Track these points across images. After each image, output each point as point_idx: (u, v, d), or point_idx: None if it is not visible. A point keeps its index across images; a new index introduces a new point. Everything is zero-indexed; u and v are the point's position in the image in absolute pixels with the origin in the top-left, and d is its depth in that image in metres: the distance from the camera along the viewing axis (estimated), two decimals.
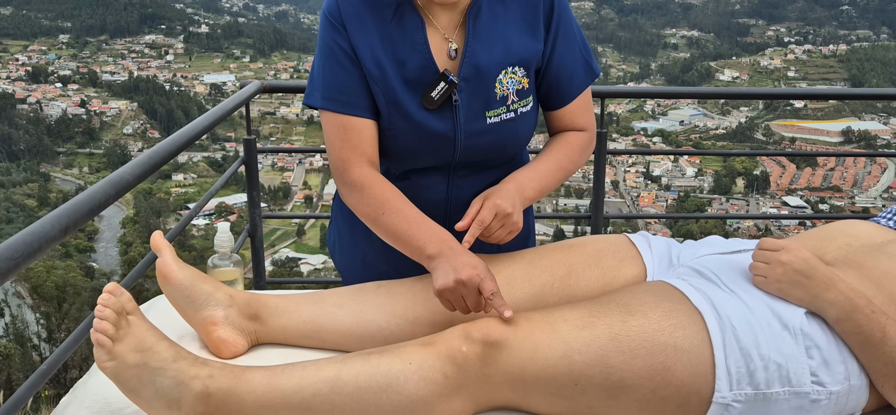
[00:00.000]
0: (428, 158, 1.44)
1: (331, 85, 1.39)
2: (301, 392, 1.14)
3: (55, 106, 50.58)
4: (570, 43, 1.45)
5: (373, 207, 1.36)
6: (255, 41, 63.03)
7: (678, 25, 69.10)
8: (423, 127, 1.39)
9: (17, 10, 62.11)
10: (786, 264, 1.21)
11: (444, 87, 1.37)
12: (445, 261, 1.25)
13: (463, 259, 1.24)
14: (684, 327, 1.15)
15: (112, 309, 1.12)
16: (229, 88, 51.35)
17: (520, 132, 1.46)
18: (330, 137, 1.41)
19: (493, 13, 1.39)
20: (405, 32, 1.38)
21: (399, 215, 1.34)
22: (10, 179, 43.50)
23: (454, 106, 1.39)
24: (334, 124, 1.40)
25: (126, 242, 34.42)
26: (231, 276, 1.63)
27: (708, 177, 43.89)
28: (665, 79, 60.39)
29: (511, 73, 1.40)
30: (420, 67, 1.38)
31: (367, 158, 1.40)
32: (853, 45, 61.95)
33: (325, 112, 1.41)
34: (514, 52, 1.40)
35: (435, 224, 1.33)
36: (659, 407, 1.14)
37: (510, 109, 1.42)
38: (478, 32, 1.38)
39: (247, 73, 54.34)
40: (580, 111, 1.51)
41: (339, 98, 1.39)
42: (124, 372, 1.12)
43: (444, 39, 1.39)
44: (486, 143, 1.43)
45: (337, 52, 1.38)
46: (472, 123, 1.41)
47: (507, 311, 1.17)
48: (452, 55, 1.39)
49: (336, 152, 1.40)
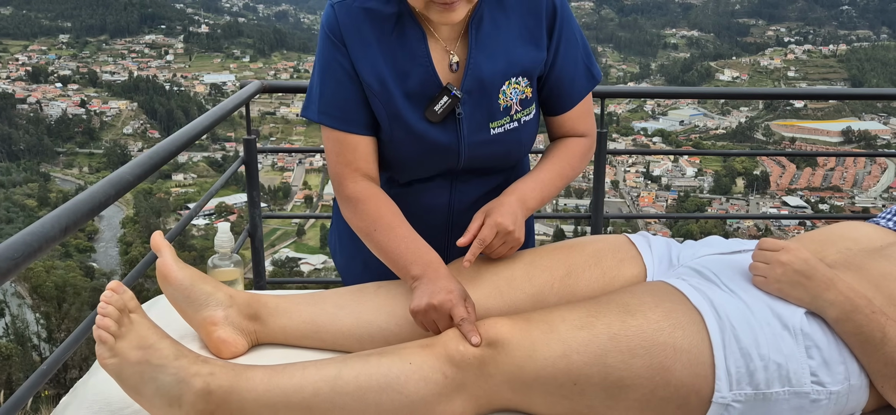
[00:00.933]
0: (431, 167, 1.44)
1: (327, 100, 1.39)
2: (302, 391, 1.14)
3: (55, 106, 50.59)
4: (571, 49, 1.44)
5: (366, 223, 1.37)
6: (255, 41, 63.04)
7: (678, 25, 69.10)
8: (426, 139, 1.39)
9: (17, 10, 62.11)
10: (786, 264, 1.20)
11: (448, 102, 1.36)
12: (426, 283, 1.25)
13: (440, 284, 1.24)
14: (684, 327, 1.15)
15: (115, 306, 1.13)
16: (229, 88, 51.36)
17: (523, 140, 1.45)
18: (328, 149, 1.42)
19: (494, 23, 1.38)
20: (406, 45, 1.36)
21: (390, 233, 1.34)
22: (10, 179, 43.49)
23: (458, 119, 1.38)
24: (332, 139, 1.41)
25: (126, 242, 34.43)
26: (231, 276, 1.63)
27: (708, 177, 43.89)
28: (665, 79, 60.39)
29: (514, 84, 1.40)
30: (422, 81, 1.37)
31: (364, 172, 1.40)
32: (853, 45, 61.94)
33: (323, 127, 1.42)
34: (517, 62, 1.39)
35: (425, 245, 1.33)
36: (658, 407, 1.14)
37: (513, 119, 1.42)
38: (480, 43, 1.37)
39: (247, 73, 54.35)
40: (581, 117, 1.50)
41: (336, 114, 1.39)
42: (126, 369, 1.12)
43: (445, 51, 1.38)
44: (490, 152, 1.43)
45: (335, 69, 1.38)
46: (476, 134, 1.40)
47: (475, 337, 1.17)
48: (454, 68, 1.38)
49: (333, 166, 1.42)
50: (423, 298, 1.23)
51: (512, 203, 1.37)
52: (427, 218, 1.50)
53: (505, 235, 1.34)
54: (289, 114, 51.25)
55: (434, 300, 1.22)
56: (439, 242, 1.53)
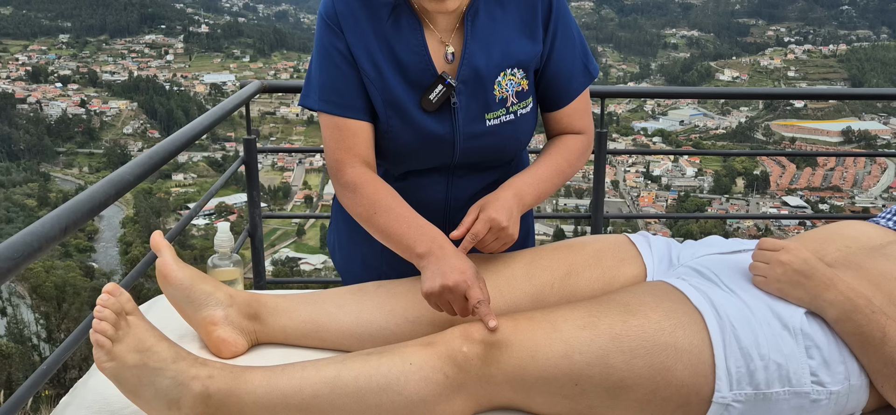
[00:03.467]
0: (426, 159, 1.44)
1: (326, 87, 1.40)
2: (301, 393, 1.14)
3: (55, 106, 50.58)
4: (568, 44, 1.45)
5: (365, 207, 1.36)
6: (255, 41, 63.04)
7: (678, 25, 69.10)
8: (421, 129, 1.39)
9: (17, 10, 62.09)
10: (786, 264, 1.20)
11: (442, 90, 1.37)
12: (435, 262, 1.23)
13: (452, 263, 1.22)
14: (684, 327, 1.15)
15: (111, 309, 1.12)
16: (229, 88, 51.34)
17: (519, 134, 1.45)
18: (326, 137, 1.42)
19: (490, 15, 1.39)
20: (402, 34, 1.37)
21: (390, 214, 1.33)
22: (10, 179, 43.49)
23: (452, 108, 1.39)
24: (330, 126, 1.40)
25: (126, 242, 34.42)
26: (231, 276, 1.63)
27: (708, 177, 43.89)
28: (665, 79, 60.40)
29: (510, 75, 1.40)
30: (418, 70, 1.38)
31: (362, 158, 1.40)
32: (853, 45, 61.95)
33: (321, 113, 1.42)
34: (513, 54, 1.39)
35: (426, 223, 1.32)
36: (659, 407, 1.14)
37: (510, 111, 1.42)
38: (476, 35, 1.38)
39: (247, 73, 54.34)
40: (578, 114, 1.50)
41: (335, 100, 1.39)
42: (123, 372, 1.12)
43: (441, 43, 1.39)
44: (486, 144, 1.43)
45: (333, 54, 1.38)
46: (471, 125, 1.40)
47: (492, 321, 1.14)
48: (450, 59, 1.39)
49: (332, 153, 1.41)
50: (436, 279, 1.21)
51: (508, 198, 1.36)
52: (423, 213, 1.49)
53: (498, 231, 1.33)
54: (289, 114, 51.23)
55: (448, 281, 1.19)
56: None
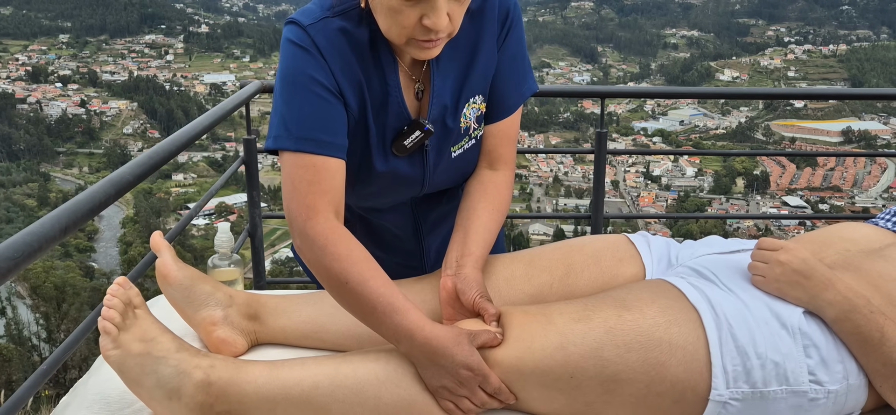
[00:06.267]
0: (391, 197, 1.42)
1: (307, 122, 1.22)
2: (301, 384, 1.15)
3: (55, 106, 50.63)
4: (518, 54, 1.39)
5: (336, 270, 1.19)
6: (255, 41, 63.08)
7: (678, 25, 69.13)
8: (390, 172, 1.35)
9: (17, 10, 62.13)
10: (784, 264, 1.21)
11: (419, 136, 1.32)
12: (436, 368, 1.14)
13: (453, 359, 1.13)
14: (680, 324, 1.15)
15: (120, 299, 1.16)
16: (229, 88, 51.37)
17: (478, 151, 1.43)
18: (296, 179, 1.22)
19: (451, 43, 1.28)
20: (381, 72, 1.29)
21: (365, 288, 1.18)
22: (10, 179, 43.51)
23: (425, 151, 1.36)
24: (304, 166, 1.22)
25: (126, 242, 34.45)
26: (231, 276, 1.64)
27: (708, 177, 43.91)
28: (665, 79, 60.43)
29: (472, 104, 1.37)
30: (393, 112, 1.31)
31: (335, 206, 1.23)
32: (853, 45, 62.00)
33: (292, 154, 1.23)
34: (474, 80, 1.35)
35: (407, 306, 1.17)
36: (655, 403, 1.14)
37: (472, 138, 1.40)
38: (440, 67, 1.32)
39: (247, 72, 54.38)
40: (507, 139, 1.42)
41: (315, 136, 1.22)
42: (127, 361, 1.14)
43: (411, 79, 1.32)
44: (451, 174, 1.42)
45: (312, 85, 1.22)
46: (439, 160, 1.38)
47: (512, 399, 1.16)
48: (418, 95, 1.34)
49: (302, 198, 1.21)
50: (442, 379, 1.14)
51: (476, 278, 1.26)
52: (395, 243, 1.52)
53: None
54: None
55: (462, 392, 1.14)
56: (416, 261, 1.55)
